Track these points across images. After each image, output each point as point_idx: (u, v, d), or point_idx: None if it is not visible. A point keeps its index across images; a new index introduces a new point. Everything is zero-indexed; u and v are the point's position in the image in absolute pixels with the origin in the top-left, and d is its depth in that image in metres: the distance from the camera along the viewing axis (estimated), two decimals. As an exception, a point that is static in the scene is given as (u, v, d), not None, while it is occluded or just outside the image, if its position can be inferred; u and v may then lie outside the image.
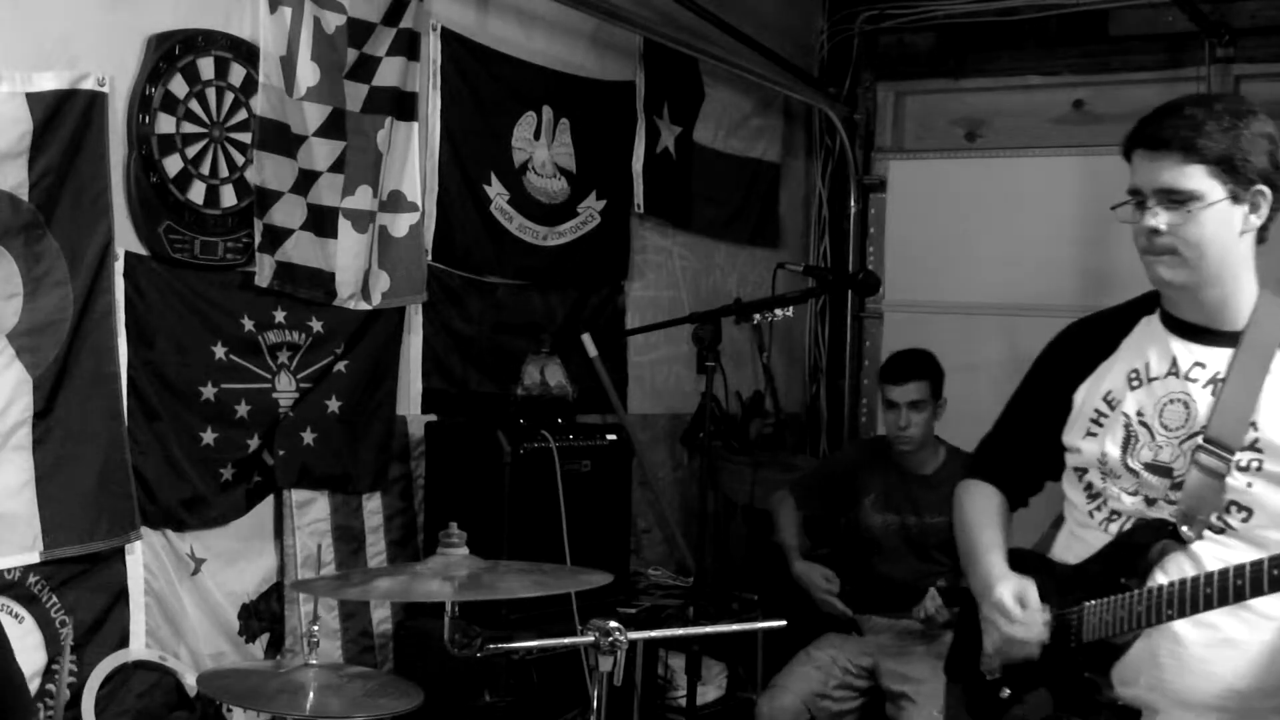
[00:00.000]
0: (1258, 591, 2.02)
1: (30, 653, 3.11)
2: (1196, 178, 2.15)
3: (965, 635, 2.57)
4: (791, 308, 3.72)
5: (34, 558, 3.13)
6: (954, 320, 5.75)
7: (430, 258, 4.22)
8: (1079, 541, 2.36)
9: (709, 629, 3.41)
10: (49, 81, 3.09)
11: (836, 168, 6.27)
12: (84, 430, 3.23)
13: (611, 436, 4.30)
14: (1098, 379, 2.36)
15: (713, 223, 5.65)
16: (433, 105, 4.21)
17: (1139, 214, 2.22)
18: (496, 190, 4.48)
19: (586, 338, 4.76)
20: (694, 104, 5.43)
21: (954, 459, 4.40)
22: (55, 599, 3.18)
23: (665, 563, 5.16)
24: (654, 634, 3.38)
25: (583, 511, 4.03)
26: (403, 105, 4.01)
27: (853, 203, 6.22)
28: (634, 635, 2.32)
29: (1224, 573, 2.07)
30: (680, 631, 4.01)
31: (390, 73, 3.95)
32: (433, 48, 4.19)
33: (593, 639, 2.28)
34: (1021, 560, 2.45)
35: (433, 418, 4.24)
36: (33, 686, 3.13)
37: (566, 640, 2.48)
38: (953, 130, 6.15)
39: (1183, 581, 2.13)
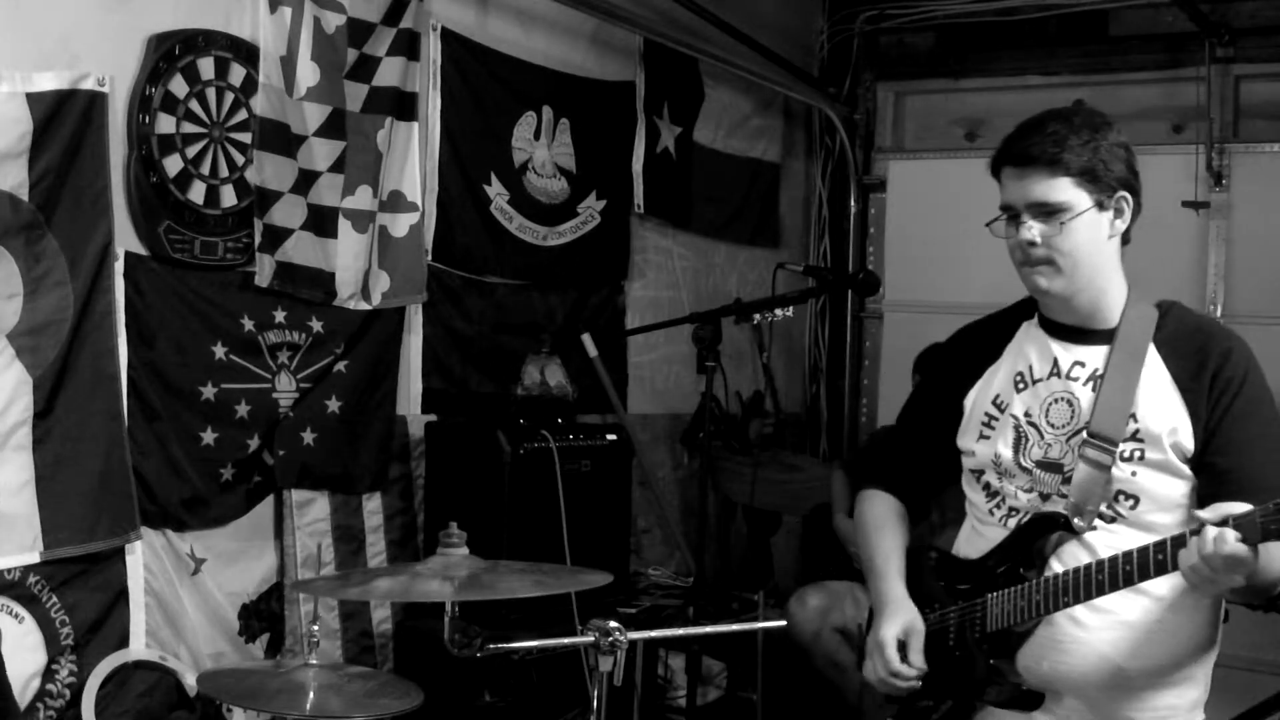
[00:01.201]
0: (1144, 575, 2.12)
1: (30, 653, 3.12)
2: (1064, 189, 2.27)
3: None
4: (791, 308, 3.72)
5: (34, 558, 3.13)
6: (954, 320, 5.61)
7: (430, 258, 4.22)
8: (980, 537, 2.45)
9: (709, 629, 3.41)
10: (49, 81, 3.09)
11: (836, 168, 6.28)
12: (84, 430, 3.23)
13: (611, 436, 4.30)
14: (985, 384, 2.47)
15: (713, 223, 5.65)
16: (433, 105, 4.21)
17: (1013, 229, 2.34)
18: (496, 190, 4.48)
19: (586, 338, 4.76)
20: (694, 104, 5.43)
21: None
22: (55, 599, 3.18)
23: (665, 563, 5.16)
24: (654, 634, 3.39)
25: (583, 511, 4.03)
26: (403, 105, 4.01)
27: (853, 203, 6.22)
28: (634, 635, 2.32)
29: (1114, 559, 2.17)
30: (680, 631, 4.02)
31: (390, 73, 3.95)
32: (433, 48, 4.19)
33: (593, 639, 2.28)
34: (925, 556, 2.55)
35: (433, 418, 4.24)
36: (33, 686, 3.14)
37: (566, 640, 2.48)
38: (953, 130, 6.15)
39: (1077, 570, 2.23)
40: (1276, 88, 5.37)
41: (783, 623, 3.74)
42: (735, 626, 3.49)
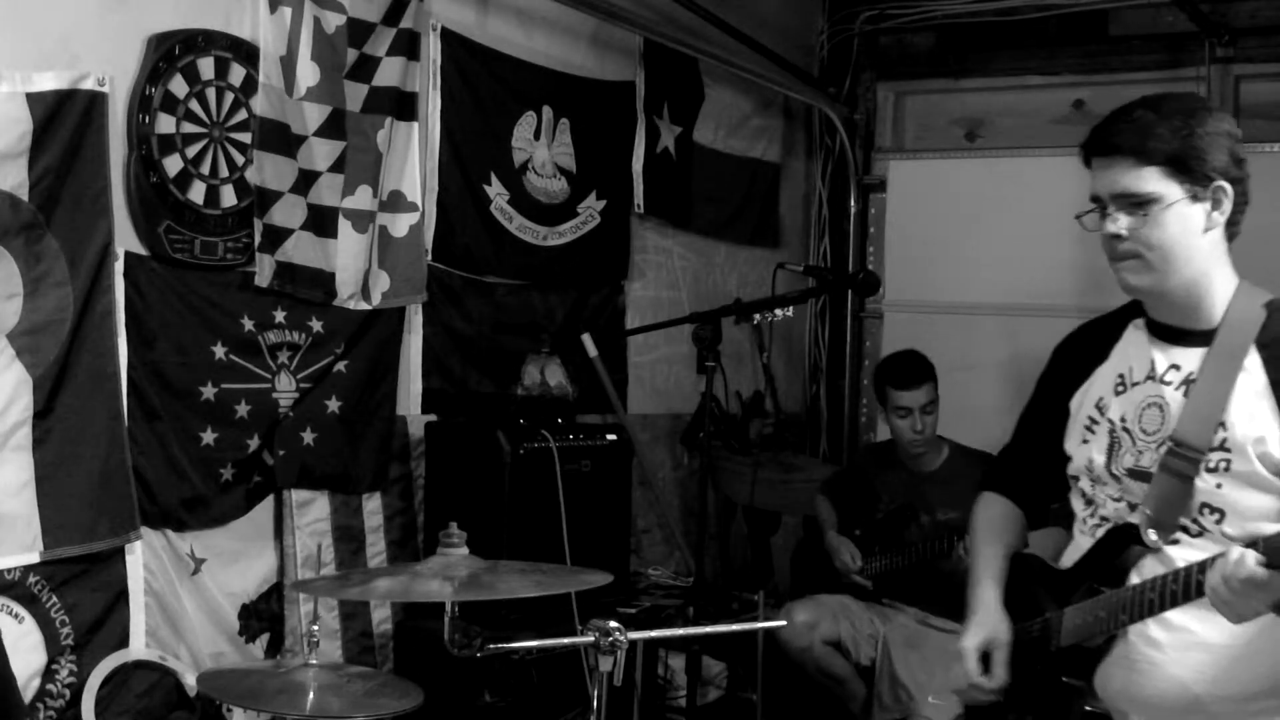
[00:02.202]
0: (1188, 596, 2.02)
1: (30, 653, 3.12)
2: (1151, 180, 2.15)
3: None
4: (791, 308, 3.72)
5: (34, 558, 3.13)
6: (953, 320, 5.75)
7: (430, 258, 4.22)
8: (1075, 547, 2.37)
9: (709, 629, 3.40)
10: (49, 81, 3.09)
11: (836, 168, 6.28)
12: (84, 430, 3.23)
13: (611, 436, 4.30)
14: (1090, 386, 2.36)
15: (713, 223, 5.65)
16: (433, 105, 4.21)
17: (1101, 221, 2.22)
18: (496, 190, 4.48)
19: (586, 338, 4.76)
20: (694, 104, 5.43)
21: (958, 455, 4.44)
22: (55, 599, 3.18)
23: (665, 563, 5.16)
24: (654, 634, 3.39)
25: (583, 511, 4.03)
26: (403, 105, 4.01)
27: (853, 203, 6.22)
28: (634, 635, 2.31)
29: (1163, 578, 2.08)
30: (680, 631, 4.02)
31: (390, 73, 3.95)
32: (433, 48, 4.19)
33: (593, 639, 2.28)
34: (1024, 566, 2.47)
35: (433, 418, 4.24)
36: (33, 686, 3.14)
37: (566, 640, 2.47)
38: (953, 130, 6.15)
39: (1135, 587, 2.14)
40: (1276, 88, 5.37)
41: (783, 623, 3.75)
42: (735, 626, 3.48)
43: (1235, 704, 2.14)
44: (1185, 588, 2.02)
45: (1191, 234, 2.17)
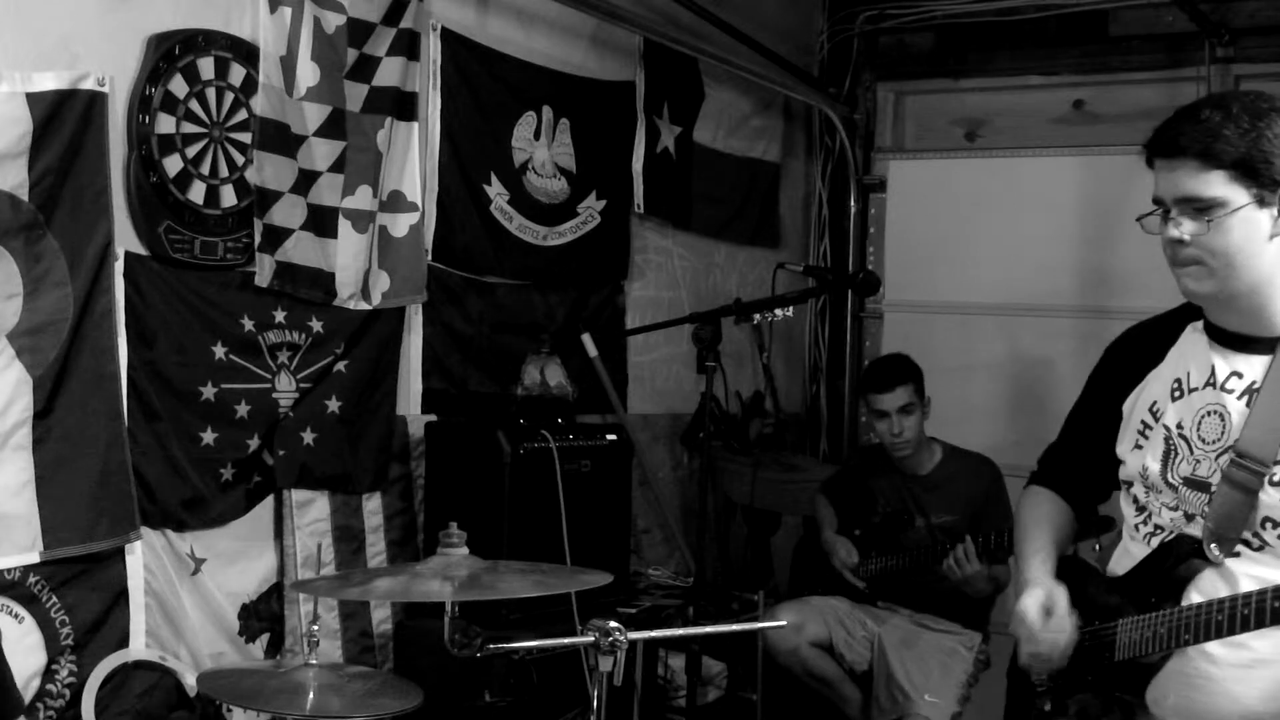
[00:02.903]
0: (1261, 622, 1.99)
1: (30, 653, 3.11)
2: (1216, 184, 2.08)
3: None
4: (791, 308, 3.72)
5: (34, 558, 3.13)
6: (953, 320, 5.75)
7: (430, 258, 4.22)
8: (1126, 555, 2.33)
9: (709, 629, 3.40)
10: (49, 81, 3.09)
11: (836, 168, 6.27)
12: (84, 430, 3.22)
13: (611, 436, 4.29)
14: (1145, 389, 2.31)
15: (713, 223, 5.65)
16: (433, 105, 4.21)
17: (1163, 225, 2.15)
18: (496, 190, 4.48)
19: (586, 338, 4.76)
20: (694, 104, 5.43)
21: (952, 457, 4.44)
22: (55, 599, 3.18)
23: (665, 563, 5.16)
24: (654, 634, 3.38)
25: (583, 511, 4.03)
26: (403, 105, 4.01)
27: (853, 203, 6.22)
28: (634, 635, 2.31)
29: (1234, 600, 2.03)
30: (680, 631, 4.02)
31: (390, 73, 3.95)
32: (433, 48, 4.19)
33: (593, 639, 2.28)
34: (1073, 570, 2.43)
35: (433, 418, 4.24)
36: (33, 686, 3.14)
37: (566, 640, 2.47)
38: (953, 130, 6.15)
39: (1200, 606, 2.09)
40: (1276, 88, 5.36)
41: (783, 623, 3.75)
42: (735, 626, 3.48)
43: None
44: (1259, 613, 1.98)
45: (1257, 240, 2.11)
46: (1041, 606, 2.30)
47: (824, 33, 6.25)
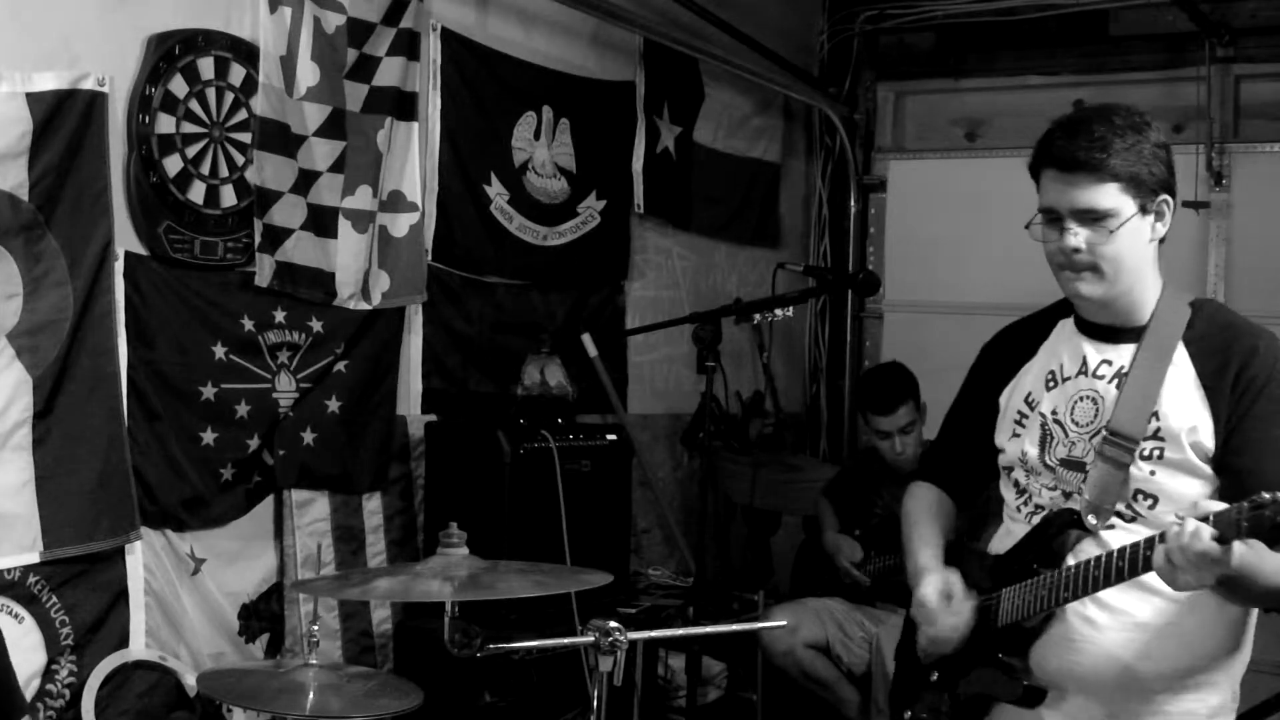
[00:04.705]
0: (1134, 571, 2.10)
1: (30, 653, 3.11)
2: (1111, 195, 2.22)
3: (910, 622, 2.66)
4: (791, 308, 3.72)
5: (34, 558, 3.13)
6: (953, 320, 5.75)
7: (430, 258, 4.22)
8: (1009, 535, 2.45)
9: (709, 629, 3.40)
10: (49, 81, 3.09)
11: (836, 168, 6.28)
12: (84, 430, 3.22)
13: (611, 436, 4.30)
14: (1019, 382, 2.47)
15: (713, 223, 5.65)
16: (433, 105, 4.21)
17: (1055, 233, 2.28)
18: (496, 190, 4.48)
19: (586, 338, 4.76)
20: (694, 104, 5.43)
21: None
22: (55, 599, 3.18)
23: (665, 563, 5.16)
24: (654, 634, 3.38)
25: (583, 511, 4.03)
26: (403, 105, 4.01)
27: (853, 203, 6.22)
28: (634, 635, 2.31)
29: (1109, 555, 2.15)
30: (680, 631, 4.02)
31: (390, 73, 3.95)
32: (433, 48, 4.19)
33: (593, 639, 2.28)
34: (958, 553, 2.56)
35: (433, 418, 4.24)
36: (33, 686, 3.14)
37: (566, 640, 2.47)
38: (953, 130, 6.16)
39: (1077, 565, 2.21)
40: (1276, 88, 5.37)
41: (783, 623, 3.75)
42: (735, 626, 3.48)
43: (1169, 679, 2.24)
44: (1132, 563, 2.10)
45: (1140, 245, 2.27)
46: (940, 592, 2.43)
47: (824, 33, 6.26)
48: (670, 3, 5.03)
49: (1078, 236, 2.24)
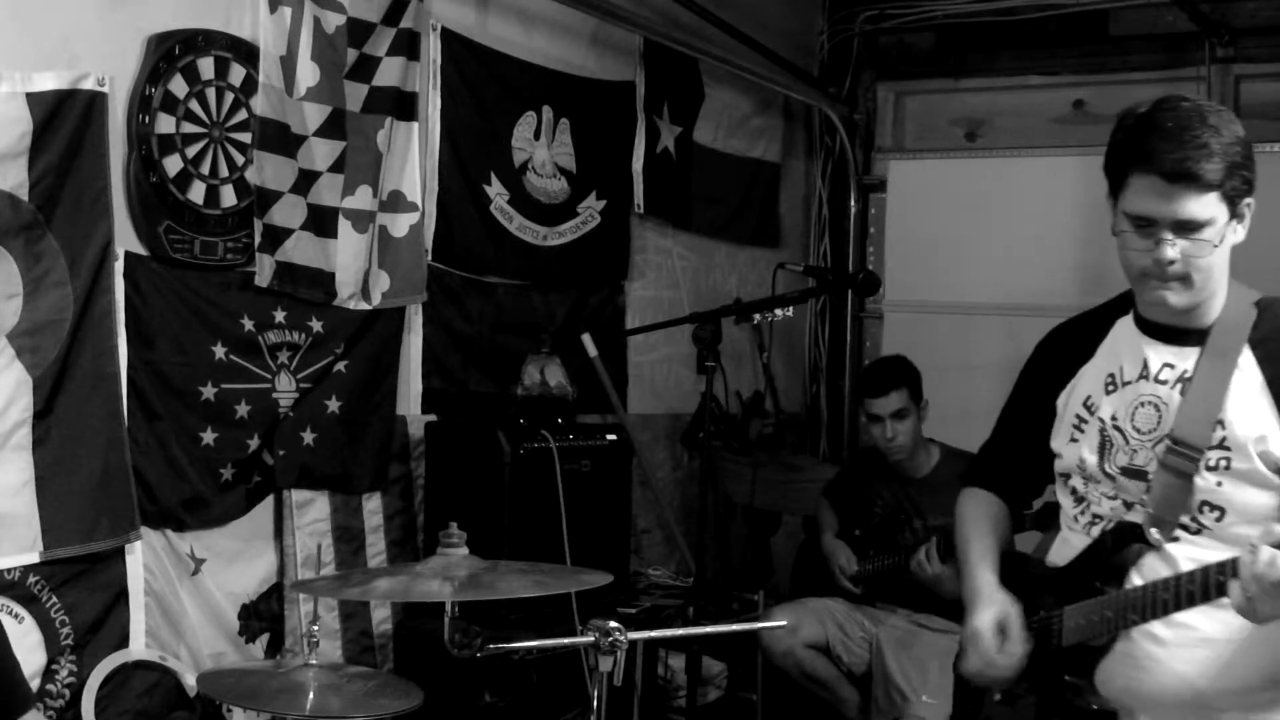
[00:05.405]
0: (1206, 597, 2.02)
1: (30, 653, 3.11)
2: (1210, 206, 2.12)
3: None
4: (791, 308, 3.72)
5: (34, 558, 3.13)
6: (954, 320, 5.75)
7: (430, 258, 4.22)
8: (1066, 545, 2.37)
9: (709, 629, 3.41)
10: (49, 81, 3.09)
11: (836, 168, 6.28)
12: (84, 430, 3.22)
13: (611, 436, 4.30)
14: (1077, 384, 2.36)
15: (713, 223, 5.65)
16: (433, 105, 4.21)
17: (1148, 243, 2.15)
18: (496, 190, 4.48)
19: (586, 338, 4.76)
20: (694, 104, 5.43)
21: (949, 459, 4.43)
22: (55, 599, 3.18)
23: (665, 563, 5.16)
24: (654, 634, 3.39)
25: (583, 511, 4.03)
26: (403, 105, 4.01)
27: (853, 203, 6.22)
28: (634, 635, 2.31)
29: (1179, 578, 2.07)
30: (680, 631, 4.02)
31: (390, 73, 3.95)
32: (433, 48, 4.19)
33: (593, 639, 2.28)
34: (1014, 564, 2.47)
35: (433, 418, 4.24)
36: (33, 686, 3.12)
37: (566, 640, 2.47)
38: (953, 130, 6.16)
39: (1145, 587, 2.14)
40: (1276, 88, 5.37)
41: (783, 623, 3.75)
42: (735, 626, 3.48)
43: (1237, 697, 2.15)
44: (1204, 588, 2.01)
45: (1226, 251, 2.18)
46: (996, 625, 2.35)
47: (824, 33, 6.25)
48: (670, 3, 5.03)
49: (1175, 248, 2.12)
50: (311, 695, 2.80)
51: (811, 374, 6.35)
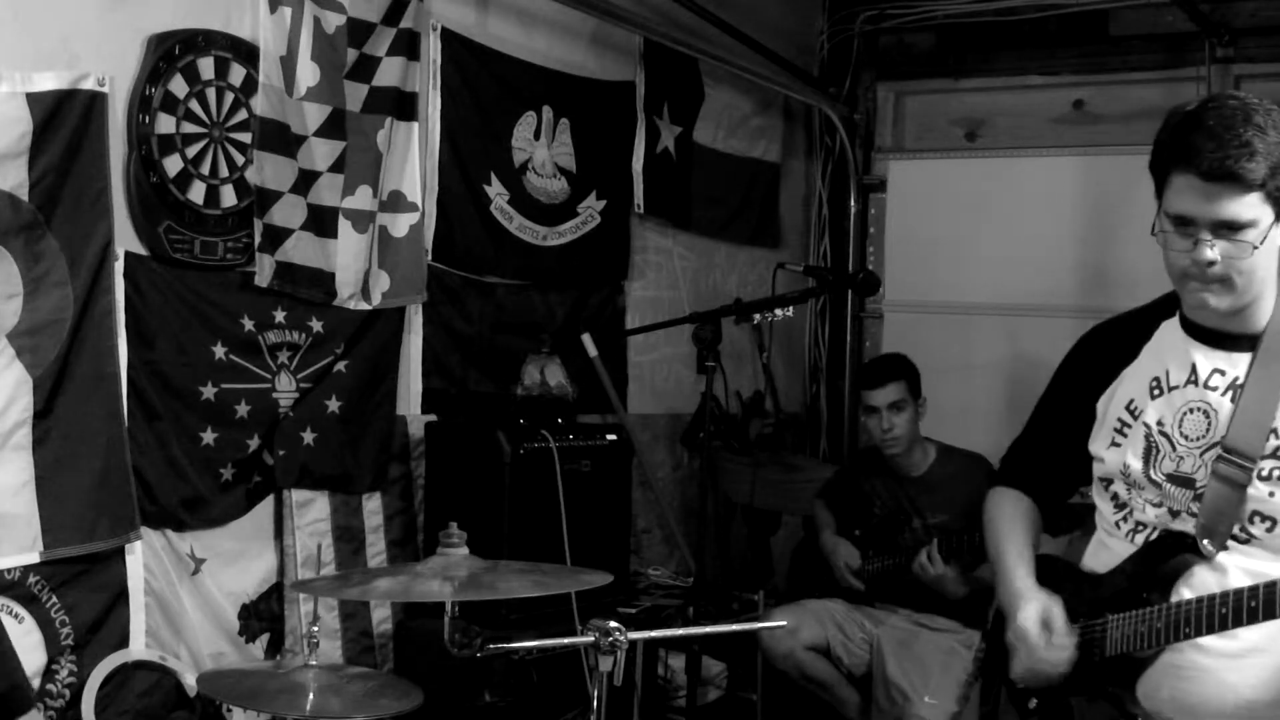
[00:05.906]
0: (1270, 614, 1.99)
1: (30, 653, 3.11)
2: (1253, 207, 2.06)
3: (997, 637, 2.53)
4: (791, 308, 3.72)
5: (34, 558, 3.13)
6: (954, 320, 5.75)
7: (430, 258, 4.22)
8: (1106, 550, 2.33)
9: (709, 629, 3.41)
10: (49, 81, 3.09)
11: (836, 168, 6.28)
12: (84, 430, 3.22)
13: (611, 436, 4.29)
14: (1119, 386, 2.31)
15: (713, 223, 5.65)
16: (433, 105, 4.21)
17: (1187, 243, 2.11)
18: (496, 190, 4.48)
19: (586, 338, 4.76)
20: (694, 104, 5.43)
21: (946, 457, 4.44)
22: (55, 599, 3.18)
23: (665, 563, 5.16)
24: (654, 634, 3.38)
25: (583, 511, 4.03)
26: (403, 105, 4.01)
27: (853, 203, 6.22)
28: (634, 635, 2.31)
29: (1238, 593, 2.04)
30: (680, 631, 4.02)
31: (390, 73, 3.95)
32: (433, 48, 4.19)
33: (593, 639, 2.28)
34: (1050, 568, 2.44)
35: (433, 418, 4.24)
36: (33, 686, 3.13)
37: (566, 640, 2.47)
38: (953, 130, 6.15)
39: (1200, 600, 2.10)
40: (1276, 88, 5.36)
41: (783, 623, 3.75)
42: (735, 626, 3.48)
43: (1275, 710, 2.11)
44: (1267, 604, 1.98)
45: (1271, 253, 2.12)
46: (1041, 622, 2.31)
47: (824, 33, 6.25)
48: (670, 3, 5.03)
49: (1214, 249, 2.07)
50: (311, 695, 2.80)
51: (811, 374, 6.35)
